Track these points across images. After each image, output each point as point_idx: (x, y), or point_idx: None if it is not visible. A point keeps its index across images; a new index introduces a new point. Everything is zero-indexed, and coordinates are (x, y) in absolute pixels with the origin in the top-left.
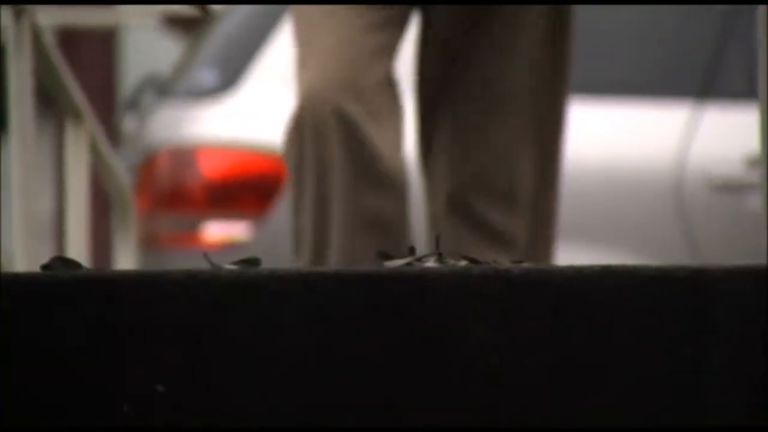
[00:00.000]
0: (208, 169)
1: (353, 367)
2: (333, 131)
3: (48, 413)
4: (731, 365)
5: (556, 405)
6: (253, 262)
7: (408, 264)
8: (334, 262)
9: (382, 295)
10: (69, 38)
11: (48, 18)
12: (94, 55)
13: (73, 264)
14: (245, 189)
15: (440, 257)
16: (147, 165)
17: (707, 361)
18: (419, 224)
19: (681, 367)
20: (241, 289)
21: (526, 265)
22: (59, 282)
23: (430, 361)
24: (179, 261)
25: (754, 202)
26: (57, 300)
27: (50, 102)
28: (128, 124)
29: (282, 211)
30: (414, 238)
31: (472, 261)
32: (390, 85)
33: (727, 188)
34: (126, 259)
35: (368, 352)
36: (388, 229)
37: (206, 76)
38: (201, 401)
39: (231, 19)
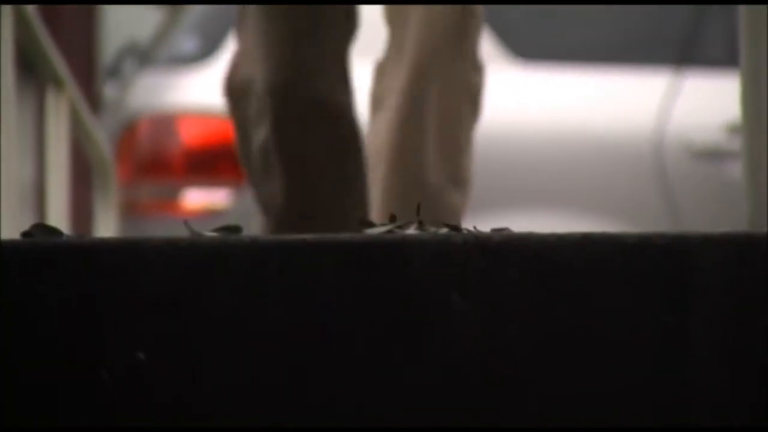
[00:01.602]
0: (189, 136)
1: (333, 334)
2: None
3: (26, 380)
4: (712, 333)
5: (537, 373)
6: (234, 229)
7: (389, 231)
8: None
9: (363, 262)
10: (50, 6)
11: None
12: (74, 23)
13: (54, 231)
14: (225, 156)
15: (421, 225)
16: (127, 132)
17: (688, 328)
18: None
19: (661, 335)
20: (222, 256)
21: (507, 232)
22: (40, 249)
23: (411, 329)
24: (159, 228)
25: (735, 169)
26: (37, 267)
27: (31, 69)
28: (109, 91)
29: None
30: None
31: (453, 229)
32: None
33: (708, 155)
34: (106, 226)
35: (348, 320)
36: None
37: (187, 43)
38: (181, 368)
39: None
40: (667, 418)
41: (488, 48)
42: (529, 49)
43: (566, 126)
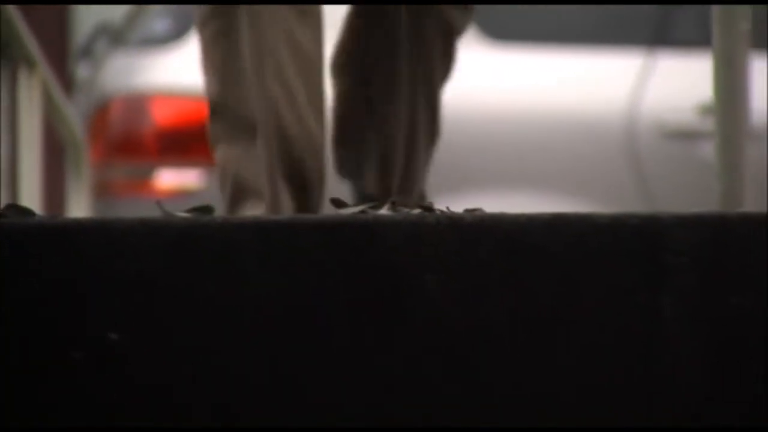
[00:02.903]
0: (161, 117)
1: (307, 314)
2: None
3: (0, 359)
4: (684, 312)
5: (510, 351)
6: (206, 209)
7: (362, 211)
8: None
9: (336, 242)
10: None
11: None
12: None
13: (26, 212)
14: (198, 137)
15: (394, 205)
16: (100, 113)
17: (660, 307)
18: None
19: (633, 314)
20: (195, 236)
21: (479, 213)
22: (12, 229)
23: (384, 308)
24: (132, 209)
25: (707, 150)
26: (10, 247)
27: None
28: (81, 72)
29: None
30: None
31: (426, 209)
32: None
33: (680, 136)
34: (79, 206)
35: (322, 300)
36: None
37: (159, 24)
38: (154, 349)
39: None
40: (640, 395)
41: None
42: (502, 30)
43: (539, 107)
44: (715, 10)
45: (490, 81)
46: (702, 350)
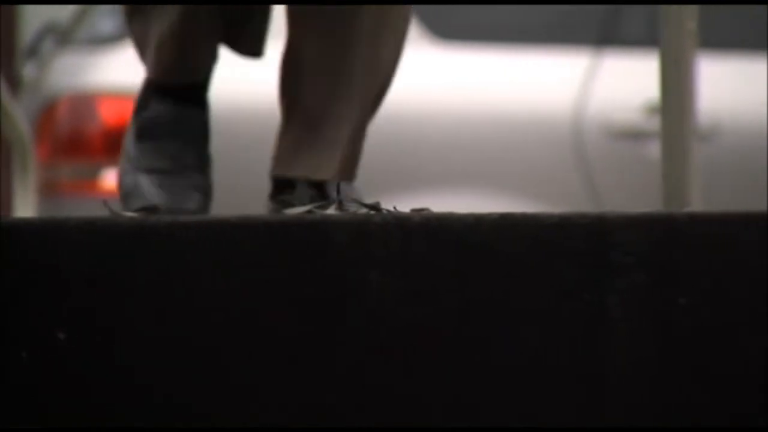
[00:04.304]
0: (108, 116)
1: (253, 313)
2: None
3: None
4: (631, 311)
5: (456, 350)
6: (153, 209)
7: (309, 211)
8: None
9: (284, 242)
10: None
11: None
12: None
13: None
14: None
15: (341, 205)
16: (47, 113)
17: (607, 306)
18: None
19: (580, 314)
20: (142, 236)
21: (426, 212)
22: None
23: (331, 307)
24: (79, 208)
25: (653, 149)
26: None
27: None
28: (28, 71)
29: None
30: None
31: (373, 209)
32: None
33: (627, 136)
34: (25, 206)
35: (269, 299)
36: None
37: (105, 24)
38: (101, 348)
39: None
40: (585, 395)
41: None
42: (449, 29)
43: (486, 107)
44: (662, 9)
45: (437, 80)
46: (649, 350)
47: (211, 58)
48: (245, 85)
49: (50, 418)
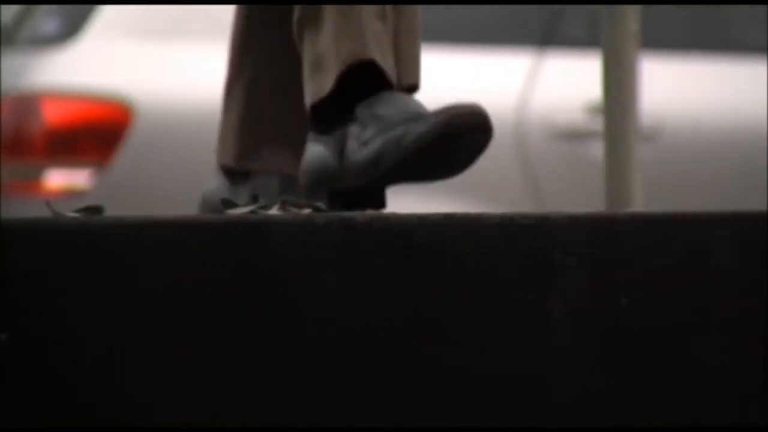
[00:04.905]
0: (50, 116)
1: (197, 313)
2: None
3: None
4: (573, 310)
5: (399, 350)
6: (96, 209)
7: (252, 212)
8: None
9: (227, 242)
10: None
11: None
12: None
13: None
14: (87, 137)
15: (284, 205)
16: None
17: (549, 306)
18: None
19: (524, 313)
20: (84, 236)
21: (369, 213)
22: None
23: (274, 307)
24: (21, 209)
25: (596, 149)
26: None
27: None
28: None
29: (124, 159)
30: None
31: (316, 209)
32: None
33: (569, 136)
34: None
35: (212, 299)
36: None
37: (48, 24)
38: (43, 348)
39: None
40: (528, 394)
41: None
42: None
43: (429, 107)
44: (604, 10)
45: None
46: (590, 350)
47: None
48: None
49: None
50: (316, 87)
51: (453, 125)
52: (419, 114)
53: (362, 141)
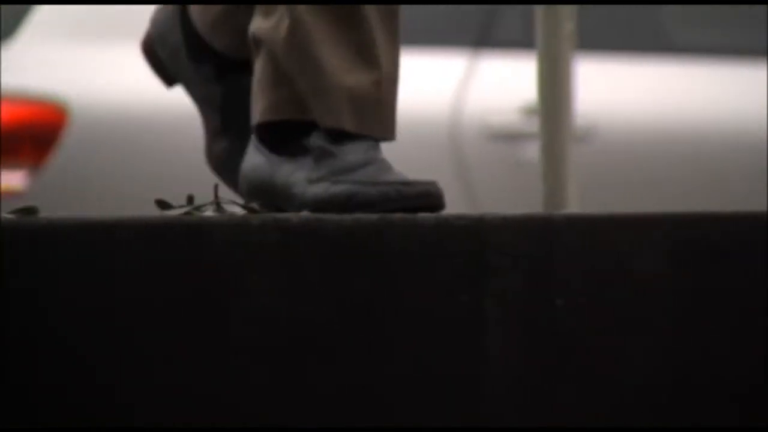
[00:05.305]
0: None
1: (133, 314)
2: None
3: None
4: (508, 312)
5: (333, 351)
6: (30, 210)
7: (187, 213)
8: None
9: (161, 243)
10: None
11: None
12: None
13: None
14: (22, 138)
15: (219, 207)
16: None
17: (483, 308)
18: None
19: (458, 315)
20: (18, 237)
21: (304, 214)
22: None
23: (209, 309)
24: None
25: (531, 151)
26: None
27: None
28: None
29: (59, 160)
30: None
31: (251, 210)
32: None
33: (504, 137)
34: None
35: (147, 300)
36: None
37: None
38: None
39: None
40: (463, 394)
41: None
42: None
43: None
44: (539, 10)
45: None
46: (525, 351)
47: None
48: None
49: None
50: (270, 106)
51: (403, 205)
52: (374, 177)
53: (310, 179)
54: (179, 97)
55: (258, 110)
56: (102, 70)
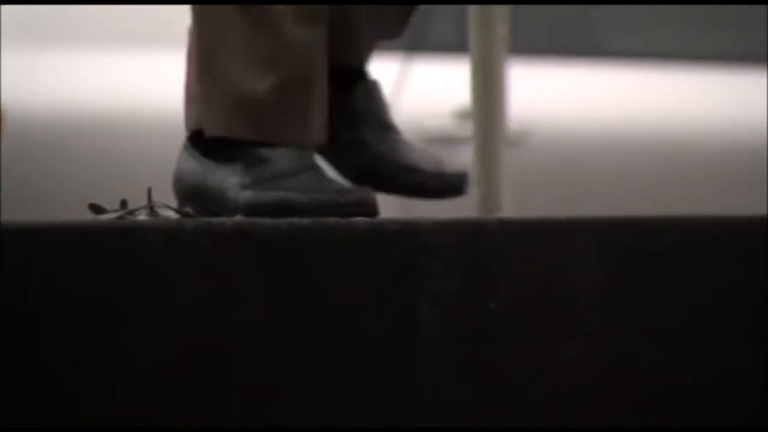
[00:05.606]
0: None
1: (62, 318)
2: None
3: None
4: (442, 315)
5: (266, 356)
6: None
7: (120, 217)
8: None
9: (95, 248)
10: None
11: None
12: None
13: None
14: None
15: (152, 211)
16: None
17: (417, 311)
18: None
19: (392, 318)
20: None
21: (238, 219)
22: None
23: (142, 312)
24: None
25: (465, 155)
26: None
27: None
28: None
29: None
30: None
31: (184, 215)
32: None
33: (438, 141)
34: None
35: (78, 305)
36: None
37: None
38: None
39: None
40: (397, 397)
41: None
42: None
43: None
44: (472, 14)
45: None
46: (459, 354)
47: None
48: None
49: None
50: (203, 116)
51: (336, 213)
52: (307, 185)
53: (243, 183)
54: (118, 101)
55: (190, 117)
56: (40, 74)
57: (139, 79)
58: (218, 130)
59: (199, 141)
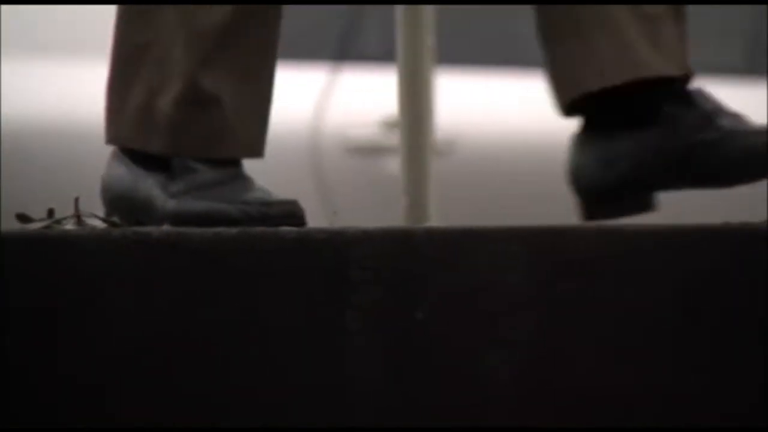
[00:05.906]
0: None
1: None
2: None
3: None
4: (369, 325)
5: (197, 366)
6: None
7: (47, 226)
8: None
9: (20, 257)
10: None
11: None
12: None
13: None
14: None
15: (79, 220)
16: None
17: (345, 321)
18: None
19: (320, 328)
20: None
21: (166, 228)
22: None
23: (69, 322)
24: None
25: (392, 164)
26: None
27: None
28: None
29: None
30: None
31: (111, 224)
32: None
33: (364, 151)
34: None
35: (6, 315)
36: None
37: None
38: None
39: None
40: (325, 407)
41: None
42: None
43: None
44: (400, 24)
45: None
46: (387, 363)
47: None
48: None
49: None
50: (115, 127)
51: (264, 225)
52: (235, 196)
53: (171, 192)
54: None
55: (109, 130)
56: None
57: None
58: (130, 142)
59: (128, 149)
